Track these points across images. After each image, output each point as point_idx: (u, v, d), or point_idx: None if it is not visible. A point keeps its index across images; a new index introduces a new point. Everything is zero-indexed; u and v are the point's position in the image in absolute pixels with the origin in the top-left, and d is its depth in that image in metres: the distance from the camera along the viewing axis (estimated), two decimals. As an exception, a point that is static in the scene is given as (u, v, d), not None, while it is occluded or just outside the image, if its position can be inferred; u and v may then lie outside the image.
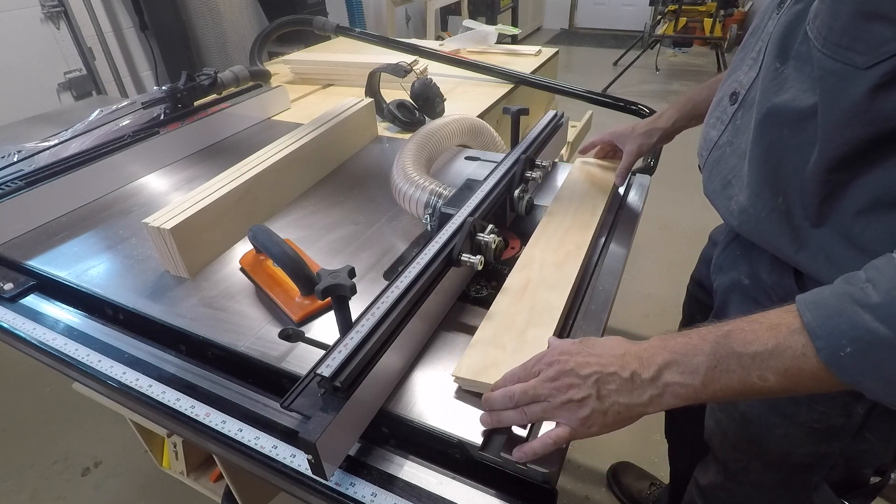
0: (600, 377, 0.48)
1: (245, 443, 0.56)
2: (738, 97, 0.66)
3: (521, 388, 0.51)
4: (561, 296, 0.68)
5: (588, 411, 0.48)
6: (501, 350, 0.60)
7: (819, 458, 0.68)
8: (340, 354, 0.52)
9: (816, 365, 0.42)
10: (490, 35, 1.94)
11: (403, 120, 1.29)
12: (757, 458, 0.73)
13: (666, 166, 0.94)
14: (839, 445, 0.65)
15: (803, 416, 0.65)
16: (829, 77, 0.50)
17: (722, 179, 0.68)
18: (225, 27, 2.59)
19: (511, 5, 5.19)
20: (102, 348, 0.70)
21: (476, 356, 0.60)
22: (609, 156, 1.03)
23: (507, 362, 0.58)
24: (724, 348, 0.45)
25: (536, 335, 0.62)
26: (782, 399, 0.65)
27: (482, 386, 0.57)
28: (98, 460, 1.62)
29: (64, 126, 1.22)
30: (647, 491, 1.41)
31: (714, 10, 4.67)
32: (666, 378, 0.47)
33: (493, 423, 0.53)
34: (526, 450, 0.51)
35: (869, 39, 0.46)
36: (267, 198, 0.95)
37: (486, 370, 0.58)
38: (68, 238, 0.93)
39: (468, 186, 0.83)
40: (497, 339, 0.62)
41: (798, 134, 0.55)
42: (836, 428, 0.64)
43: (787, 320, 0.44)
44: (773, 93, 0.58)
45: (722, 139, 0.68)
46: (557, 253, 0.76)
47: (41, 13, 2.42)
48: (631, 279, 2.23)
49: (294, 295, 0.72)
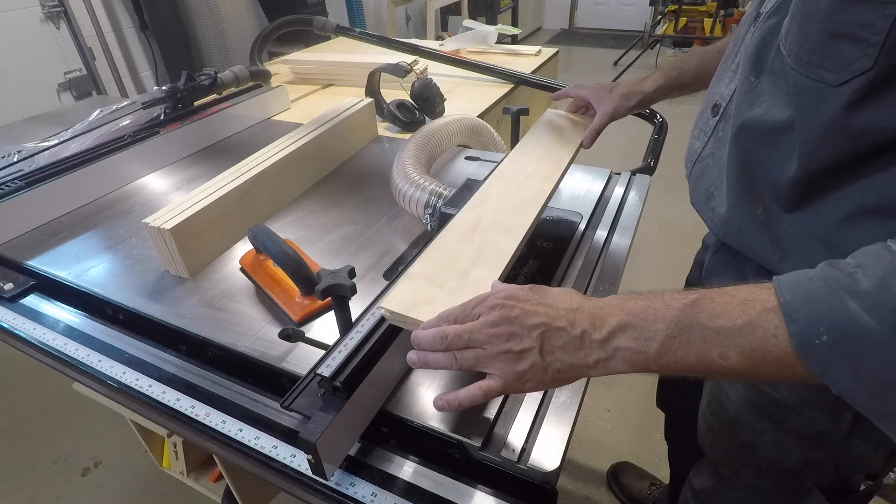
0: (546, 330, 0.44)
1: (245, 443, 0.56)
2: (719, 109, 0.66)
3: (455, 330, 0.46)
4: (513, 240, 0.63)
5: (527, 365, 0.44)
6: (439, 288, 0.56)
7: (809, 464, 0.68)
8: (340, 354, 0.53)
9: (785, 349, 0.39)
10: (490, 35, 1.94)
11: (403, 120, 1.29)
12: (748, 464, 0.73)
13: (666, 166, 0.93)
14: (829, 451, 0.65)
15: (792, 422, 0.65)
16: (804, 94, 0.51)
17: (705, 191, 0.68)
18: (225, 27, 2.59)
19: (511, 5, 5.19)
20: (102, 348, 0.70)
21: (409, 290, 0.55)
22: (581, 111, 0.98)
23: (443, 302, 0.53)
24: (689, 317, 0.41)
25: (480, 276, 0.57)
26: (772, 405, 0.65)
27: (413, 322, 0.53)
28: (98, 460, 1.62)
29: (64, 126, 1.22)
30: (647, 491, 1.41)
31: (714, 10, 4.68)
32: (618, 342, 0.43)
33: (420, 363, 0.49)
34: (449, 398, 0.47)
35: (837, 58, 0.47)
36: (267, 198, 0.95)
37: (418, 306, 0.53)
38: (68, 238, 0.93)
39: (468, 186, 0.83)
40: (436, 275, 0.57)
41: (772, 147, 0.56)
42: (824, 434, 0.64)
43: (762, 297, 0.41)
44: (747, 106, 0.58)
45: (705, 151, 0.69)
46: (515, 198, 0.72)
47: (41, 13, 2.42)
48: (631, 279, 2.23)
49: (294, 295, 0.72)
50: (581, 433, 1.62)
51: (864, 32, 0.44)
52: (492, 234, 0.64)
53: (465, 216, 0.68)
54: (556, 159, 0.83)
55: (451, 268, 0.59)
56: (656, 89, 0.88)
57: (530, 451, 0.52)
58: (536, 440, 0.54)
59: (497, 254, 0.61)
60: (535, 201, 0.71)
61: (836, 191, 0.52)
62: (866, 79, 0.45)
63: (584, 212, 0.92)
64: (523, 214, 0.68)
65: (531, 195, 0.73)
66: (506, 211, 0.69)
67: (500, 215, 0.68)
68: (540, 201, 0.71)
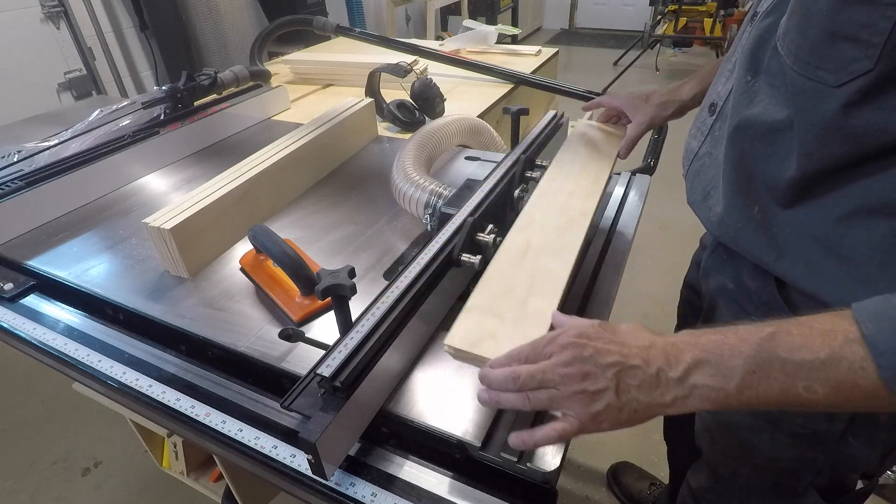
0: (621, 370, 0.43)
1: (245, 443, 0.56)
2: (716, 108, 0.67)
3: (527, 371, 0.45)
4: (565, 264, 0.62)
5: (602, 406, 0.43)
6: (500, 320, 0.55)
7: (806, 463, 0.68)
8: (340, 354, 0.52)
9: (875, 381, 0.37)
10: (490, 35, 1.94)
11: (403, 120, 1.29)
12: (745, 463, 0.73)
13: (666, 166, 0.93)
14: (824, 451, 0.65)
15: (788, 422, 0.65)
16: (802, 94, 0.50)
17: (702, 190, 0.68)
18: (225, 27, 2.59)
19: (511, 5, 5.19)
20: (102, 348, 0.70)
21: (471, 324, 0.55)
22: (613, 121, 0.96)
23: (506, 334, 0.53)
24: (767, 352, 0.40)
25: (539, 306, 0.56)
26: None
27: (478, 359, 0.52)
28: (98, 460, 1.62)
29: (64, 126, 1.22)
30: (647, 491, 1.41)
31: (714, 10, 4.68)
32: (695, 379, 0.42)
33: (492, 403, 0.48)
34: (525, 438, 0.46)
35: (837, 59, 0.46)
36: (267, 198, 0.95)
37: (482, 342, 0.53)
38: (68, 238, 0.93)
39: (468, 186, 0.83)
40: (495, 306, 0.57)
41: (769, 146, 0.56)
42: (820, 433, 0.64)
43: (842, 327, 0.39)
44: (743, 105, 0.58)
45: (702, 150, 0.69)
46: (559, 218, 0.71)
47: (41, 13, 2.42)
48: (631, 279, 2.23)
49: (294, 295, 0.72)
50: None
51: (865, 33, 0.44)
52: (542, 258, 0.64)
53: (514, 240, 0.67)
54: (594, 175, 0.81)
55: (509, 297, 0.58)
56: (693, 96, 0.86)
57: (530, 451, 0.52)
58: (536, 440, 0.54)
59: (551, 280, 0.60)
60: (580, 220, 0.70)
61: (833, 190, 0.52)
62: (866, 80, 0.45)
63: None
64: (571, 235, 0.68)
65: (576, 214, 0.72)
66: (552, 232, 0.68)
67: (548, 237, 0.67)
68: (586, 220, 0.70)
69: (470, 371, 0.60)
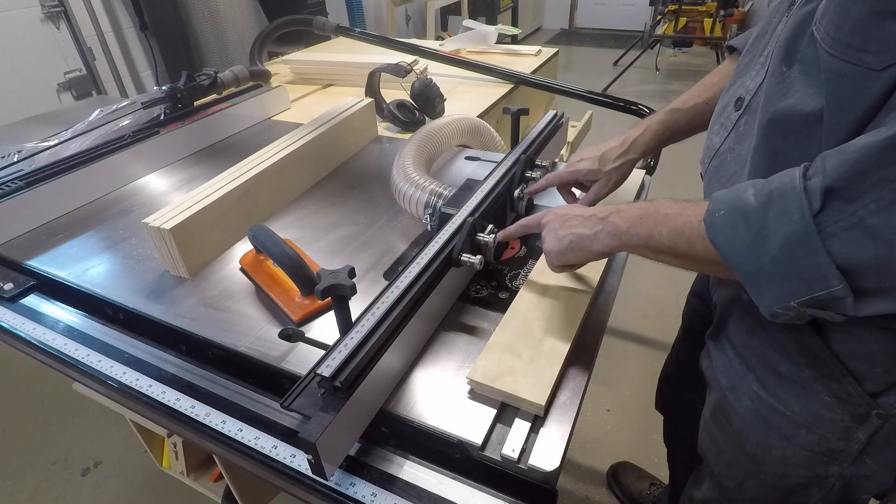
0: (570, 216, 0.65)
1: (245, 443, 0.56)
2: (743, 103, 0.64)
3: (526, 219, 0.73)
4: (580, 307, 0.68)
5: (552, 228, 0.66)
6: (517, 358, 0.60)
7: (816, 481, 0.66)
8: (340, 354, 0.52)
9: (697, 226, 0.51)
10: (490, 35, 1.94)
11: (403, 120, 1.29)
12: (753, 477, 0.71)
13: (666, 166, 0.93)
14: (838, 469, 0.64)
15: (803, 439, 0.63)
16: (839, 80, 0.48)
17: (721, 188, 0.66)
18: (225, 27, 2.59)
19: (511, 5, 5.20)
20: (102, 348, 0.70)
21: (493, 360, 0.60)
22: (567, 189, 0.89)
23: (522, 371, 0.58)
24: (652, 207, 0.57)
25: (553, 346, 0.62)
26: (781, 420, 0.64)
27: (497, 392, 0.57)
28: (98, 460, 1.62)
29: (64, 126, 1.22)
30: (647, 491, 1.41)
31: (714, 10, 4.68)
32: (611, 218, 0.60)
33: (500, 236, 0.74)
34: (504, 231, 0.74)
35: (883, 39, 0.44)
36: (267, 198, 0.95)
37: (501, 376, 0.58)
38: (68, 238, 0.93)
39: (468, 186, 0.83)
40: (514, 345, 0.62)
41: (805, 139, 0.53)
42: (835, 451, 0.62)
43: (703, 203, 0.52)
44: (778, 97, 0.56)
45: (724, 146, 0.67)
46: None
47: (41, 13, 2.42)
48: (631, 279, 2.23)
49: (294, 295, 0.72)
50: (581, 433, 1.63)
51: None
52: (559, 300, 0.69)
53: (533, 284, 0.73)
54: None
55: (527, 336, 0.64)
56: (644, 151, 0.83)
57: (530, 451, 0.52)
58: (536, 440, 0.54)
59: (566, 322, 0.66)
60: (597, 264, 0.74)
61: None
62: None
63: (584, 212, 0.92)
64: (587, 279, 0.73)
65: None
66: (570, 276, 0.73)
67: (565, 281, 0.73)
68: (602, 263, 0.75)
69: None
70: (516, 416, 0.56)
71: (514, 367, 0.59)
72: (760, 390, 0.64)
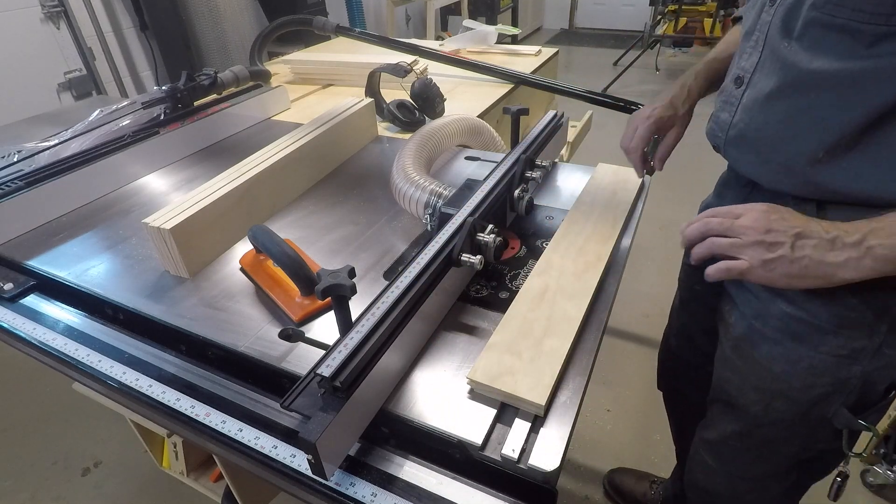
0: (802, 231, 0.53)
1: (245, 443, 0.56)
2: (742, 80, 0.70)
3: (717, 222, 0.58)
4: (579, 308, 0.68)
5: (775, 255, 0.54)
6: (517, 357, 0.60)
7: (839, 386, 0.69)
8: (340, 354, 0.52)
9: None
10: (490, 35, 1.94)
11: (403, 120, 1.29)
12: (779, 397, 0.73)
13: (666, 166, 0.93)
14: (859, 369, 0.66)
15: (828, 344, 0.66)
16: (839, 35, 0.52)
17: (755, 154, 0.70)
18: (225, 27, 2.59)
19: (511, 5, 5.20)
20: (102, 348, 0.70)
21: (492, 360, 0.60)
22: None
23: (522, 371, 0.58)
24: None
25: (553, 346, 0.62)
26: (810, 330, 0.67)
27: (497, 392, 0.57)
28: (98, 460, 1.62)
29: (64, 126, 1.22)
30: (651, 491, 1.40)
31: (714, 10, 4.68)
32: (870, 242, 0.51)
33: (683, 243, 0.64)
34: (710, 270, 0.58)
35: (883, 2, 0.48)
36: (267, 198, 0.95)
37: (501, 377, 0.58)
38: (68, 238, 0.93)
39: (468, 186, 0.83)
40: (513, 345, 0.62)
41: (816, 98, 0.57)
42: (857, 350, 0.65)
43: None
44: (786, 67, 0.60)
45: (736, 118, 0.71)
46: (577, 262, 0.76)
47: (41, 13, 2.42)
48: (631, 279, 2.23)
49: (294, 295, 0.72)
50: (581, 433, 1.63)
51: None
52: (559, 301, 0.69)
53: (533, 283, 0.72)
54: (612, 219, 0.86)
55: (527, 336, 0.63)
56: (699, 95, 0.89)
57: (530, 451, 0.52)
58: (536, 440, 0.54)
59: (566, 322, 0.66)
60: (597, 264, 0.75)
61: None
62: None
63: (584, 212, 0.92)
64: (586, 279, 0.73)
65: (593, 258, 0.77)
66: (570, 276, 0.73)
67: (565, 281, 0.72)
68: (602, 263, 0.75)
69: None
70: (516, 416, 0.56)
71: (514, 367, 0.59)
72: (788, 307, 0.67)
